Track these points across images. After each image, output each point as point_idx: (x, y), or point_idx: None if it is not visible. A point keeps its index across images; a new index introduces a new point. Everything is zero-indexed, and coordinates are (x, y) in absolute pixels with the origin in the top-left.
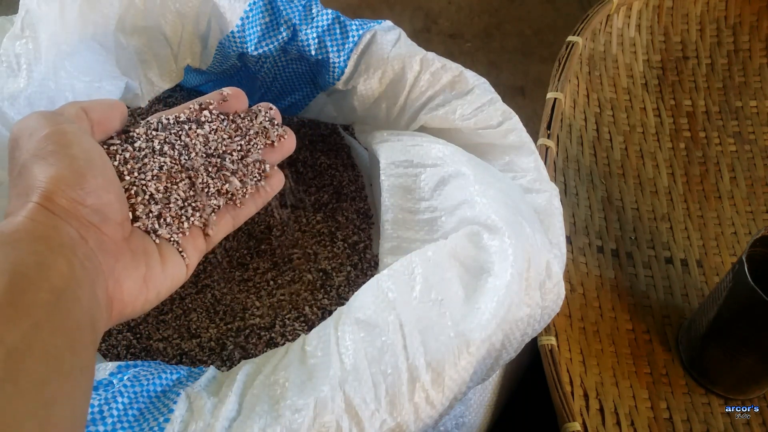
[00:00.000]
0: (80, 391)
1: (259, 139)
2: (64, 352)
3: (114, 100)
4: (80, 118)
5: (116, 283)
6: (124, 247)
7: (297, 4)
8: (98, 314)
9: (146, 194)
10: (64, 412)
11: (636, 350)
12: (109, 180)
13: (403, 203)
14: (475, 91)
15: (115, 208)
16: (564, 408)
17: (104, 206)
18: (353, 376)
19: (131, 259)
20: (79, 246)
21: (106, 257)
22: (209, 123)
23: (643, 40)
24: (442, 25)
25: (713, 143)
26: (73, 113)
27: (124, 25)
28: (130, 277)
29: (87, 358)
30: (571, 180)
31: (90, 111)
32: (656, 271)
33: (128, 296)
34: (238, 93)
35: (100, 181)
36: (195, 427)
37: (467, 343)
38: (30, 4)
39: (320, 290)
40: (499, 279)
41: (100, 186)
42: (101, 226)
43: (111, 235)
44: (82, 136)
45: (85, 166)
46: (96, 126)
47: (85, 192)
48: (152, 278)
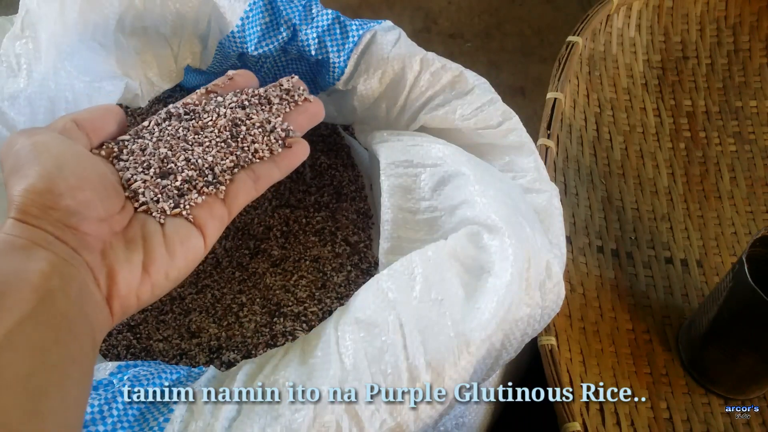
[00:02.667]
0: (70, 381)
1: (283, 105)
2: (50, 345)
3: (109, 105)
4: (69, 130)
5: (109, 278)
6: (113, 240)
7: (297, 4)
8: (92, 309)
9: (147, 174)
10: (53, 403)
11: (636, 350)
12: (84, 179)
13: (403, 203)
14: (475, 91)
15: (94, 206)
16: (564, 408)
17: (80, 205)
18: (353, 376)
19: (124, 250)
20: (59, 248)
21: (91, 255)
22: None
23: (643, 40)
24: (442, 25)
25: (713, 143)
26: (60, 126)
27: (124, 25)
28: (124, 268)
29: (78, 350)
30: (571, 180)
31: (81, 121)
32: (656, 271)
33: (125, 287)
34: (246, 73)
35: (72, 181)
36: (195, 427)
37: (467, 342)
38: (30, 4)
39: (320, 290)
40: (499, 279)
41: (72, 186)
42: (79, 225)
43: (93, 233)
44: (54, 141)
45: (54, 171)
46: (92, 134)
47: (56, 195)
48: (154, 262)
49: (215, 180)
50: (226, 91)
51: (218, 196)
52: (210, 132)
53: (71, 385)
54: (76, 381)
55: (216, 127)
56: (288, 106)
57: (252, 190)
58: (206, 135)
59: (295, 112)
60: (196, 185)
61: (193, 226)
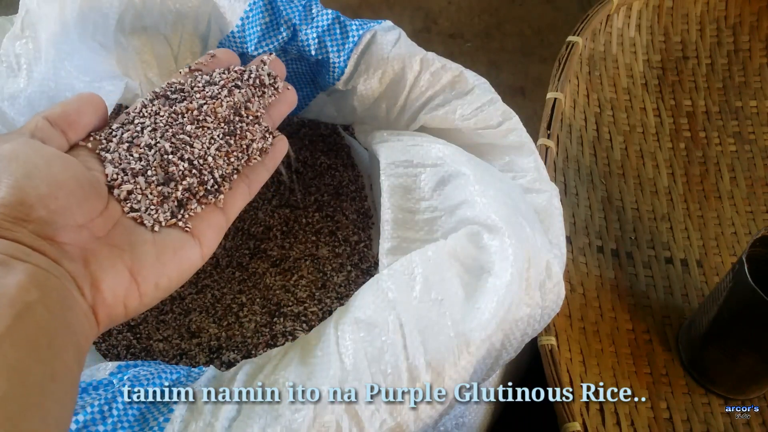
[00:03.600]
0: (51, 401)
1: (269, 93)
2: (29, 364)
3: (86, 94)
4: (42, 129)
5: (93, 286)
6: (96, 246)
7: (297, 4)
8: (76, 319)
9: (134, 181)
10: (31, 425)
11: (636, 350)
12: (57, 184)
13: (403, 203)
14: (475, 91)
15: (71, 212)
16: (564, 408)
17: (53, 215)
18: (353, 376)
19: (108, 256)
20: (37, 259)
21: (72, 264)
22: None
23: (643, 40)
24: (442, 25)
25: (713, 143)
26: (33, 127)
27: (124, 25)
28: (108, 275)
29: (61, 366)
30: (571, 180)
31: (54, 118)
32: (656, 271)
33: (111, 296)
34: (227, 51)
35: (43, 189)
36: (195, 427)
37: (467, 342)
38: (30, 4)
39: (320, 290)
40: (499, 279)
41: (43, 195)
42: (56, 235)
43: (72, 241)
44: (22, 148)
45: (23, 181)
46: (69, 129)
47: (27, 207)
48: (142, 271)
49: (216, 189)
50: (211, 68)
51: (218, 205)
52: (211, 122)
53: (52, 405)
54: (57, 399)
55: (216, 117)
56: (273, 95)
57: (247, 194)
58: (206, 125)
59: (278, 102)
60: (196, 193)
61: (190, 235)
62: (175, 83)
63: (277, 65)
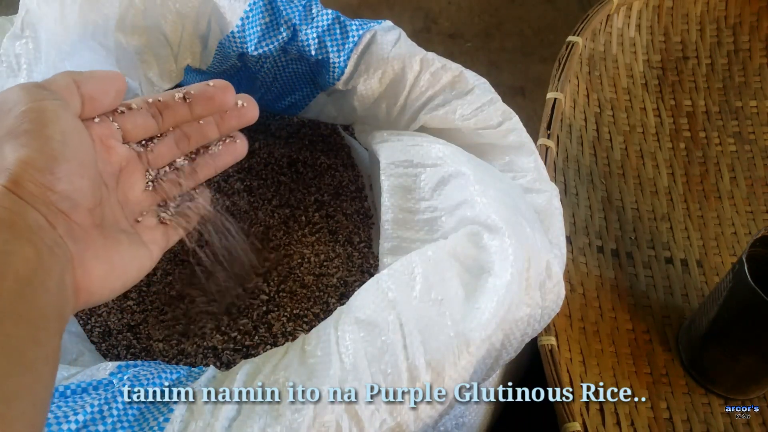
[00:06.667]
0: (41, 385)
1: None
2: (27, 344)
3: (112, 72)
4: (70, 92)
5: (85, 272)
6: (94, 234)
7: (297, 4)
8: (65, 303)
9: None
10: (23, 407)
11: (636, 350)
12: (84, 164)
13: (403, 203)
14: (475, 91)
15: (87, 194)
16: (564, 408)
17: (75, 192)
18: (353, 376)
19: (102, 247)
20: (47, 233)
21: (75, 244)
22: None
23: (643, 40)
24: (442, 25)
25: (713, 143)
26: (63, 85)
27: (124, 25)
28: (99, 265)
29: (51, 348)
30: (571, 180)
31: (82, 84)
32: (656, 271)
33: (96, 285)
34: (225, 85)
35: (73, 165)
36: (195, 427)
37: (467, 342)
38: (30, 4)
39: (320, 290)
40: (499, 279)
41: (72, 171)
42: (71, 213)
43: (81, 222)
44: (63, 113)
45: (58, 149)
46: (88, 101)
47: (56, 177)
48: (120, 267)
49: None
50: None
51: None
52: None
53: (42, 388)
54: (46, 383)
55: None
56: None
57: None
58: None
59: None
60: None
61: (143, 243)
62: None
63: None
